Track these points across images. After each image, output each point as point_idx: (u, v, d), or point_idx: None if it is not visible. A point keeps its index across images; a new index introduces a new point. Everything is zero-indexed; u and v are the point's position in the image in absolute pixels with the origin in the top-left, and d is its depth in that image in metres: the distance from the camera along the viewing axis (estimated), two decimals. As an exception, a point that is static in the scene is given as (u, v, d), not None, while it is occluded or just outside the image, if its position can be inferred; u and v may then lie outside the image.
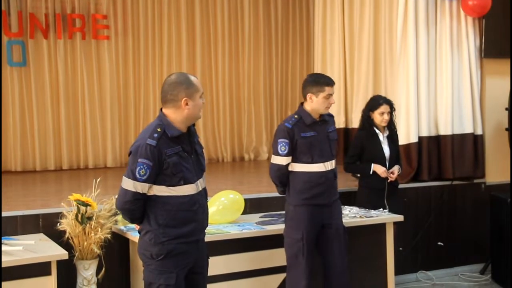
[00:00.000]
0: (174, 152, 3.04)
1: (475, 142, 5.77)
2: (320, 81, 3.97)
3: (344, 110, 6.73)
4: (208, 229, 4.24)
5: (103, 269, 4.14)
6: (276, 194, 5.22)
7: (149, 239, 3.07)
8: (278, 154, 3.96)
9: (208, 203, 4.52)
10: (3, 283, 3.58)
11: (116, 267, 4.33)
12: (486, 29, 5.73)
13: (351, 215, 4.71)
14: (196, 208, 3.12)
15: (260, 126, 8.01)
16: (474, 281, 5.45)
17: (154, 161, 2.99)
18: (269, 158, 8.09)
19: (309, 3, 8.11)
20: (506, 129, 5.62)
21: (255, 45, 7.97)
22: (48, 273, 3.74)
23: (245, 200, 4.66)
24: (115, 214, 4.25)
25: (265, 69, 8.05)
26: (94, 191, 4.17)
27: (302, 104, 4.07)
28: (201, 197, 3.18)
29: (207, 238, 4.13)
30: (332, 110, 6.82)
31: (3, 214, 4.24)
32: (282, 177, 4.02)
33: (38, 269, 3.72)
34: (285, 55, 8.18)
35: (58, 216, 4.15)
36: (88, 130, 7.28)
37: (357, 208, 4.74)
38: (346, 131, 6.54)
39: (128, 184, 3.02)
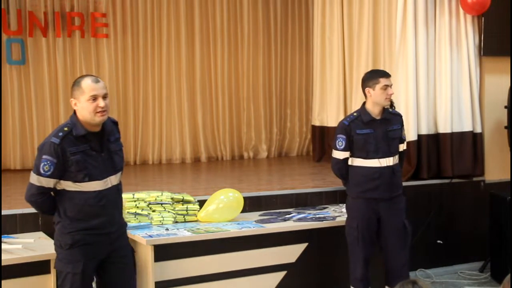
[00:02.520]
0: (78, 151, 3.20)
1: (474, 140, 5.77)
2: (375, 74, 4.22)
3: (344, 109, 6.73)
4: (207, 227, 4.27)
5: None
6: (276, 192, 5.22)
7: (59, 229, 3.28)
8: (336, 149, 4.26)
9: (208, 201, 4.57)
10: (2, 281, 3.58)
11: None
12: (485, 27, 5.72)
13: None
14: (103, 203, 3.26)
15: (260, 125, 8.01)
16: (473, 279, 5.45)
17: (57, 158, 3.17)
18: (268, 157, 8.13)
19: (308, 2, 8.10)
20: (506, 127, 5.61)
21: (254, 43, 7.96)
22: (47, 271, 3.75)
23: (244, 198, 4.67)
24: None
25: (264, 67, 8.04)
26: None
27: (363, 103, 4.26)
28: (111, 193, 3.31)
29: (207, 236, 4.15)
30: (331, 108, 6.90)
31: (3, 212, 4.24)
32: (341, 170, 4.29)
33: (37, 268, 3.74)
34: (284, 53, 8.17)
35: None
36: (87, 129, 7.27)
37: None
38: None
39: (34, 178, 3.23)
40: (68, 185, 3.22)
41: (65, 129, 3.21)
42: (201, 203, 4.59)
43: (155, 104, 7.55)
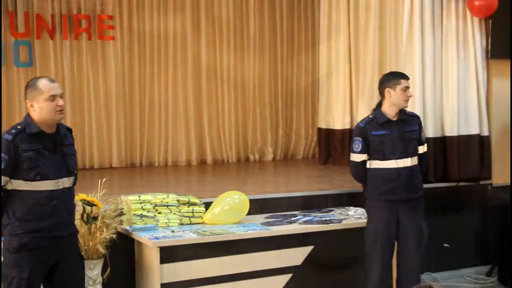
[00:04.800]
0: (31, 148, 3.19)
1: (481, 143, 5.74)
2: (396, 75, 4.23)
3: (350, 111, 6.72)
4: (213, 230, 4.27)
5: (108, 269, 4.15)
6: (282, 195, 5.21)
7: (7, 232, 3.21)
8: (353, 152, 4.24)
9: (213, 204, 4.57)
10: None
11: (121, 267, 4.32)
12: (492, 29, 5.70)
13: (356, 216, 4.71)
14: (54, 204, 3.22)
15: (265, 127, 8.00)
16: (480, 283, 5.42)
17: (9, 154, 3.15)
18: (274, 159, 8.13)
19: (314, 4, 8.10)
20: (512, 130, 5.59)
21: (260, 45, 7.96)
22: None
23: (250, 200, 4.65)
24: (121, 214, 4.26)
25: (270, 69, 8.04)
26: (100, 191, 4.18)
27: (378, 105, 4.25)
28: (63, 195, 3.27)
29: (213, 239, 4.15)
30: (337, 111, 6.89)
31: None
32: (359, 173, 4.26)
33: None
34: (290, 55, 8.16)
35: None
36: (93, 130, 7.29)
37: (362, 209, 4.73)
38: (351, 132, 6.52)
39: None
40: (19, 184, 3.18)
41: (18, 127, 3.21)
42: (207, 205, 4.58)
43: (161, 106, 7.55)
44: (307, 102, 8.20)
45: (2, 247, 3.24)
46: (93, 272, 4.07)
